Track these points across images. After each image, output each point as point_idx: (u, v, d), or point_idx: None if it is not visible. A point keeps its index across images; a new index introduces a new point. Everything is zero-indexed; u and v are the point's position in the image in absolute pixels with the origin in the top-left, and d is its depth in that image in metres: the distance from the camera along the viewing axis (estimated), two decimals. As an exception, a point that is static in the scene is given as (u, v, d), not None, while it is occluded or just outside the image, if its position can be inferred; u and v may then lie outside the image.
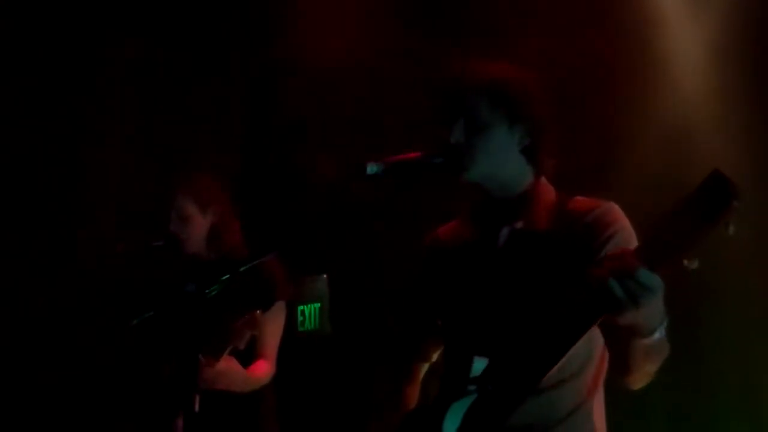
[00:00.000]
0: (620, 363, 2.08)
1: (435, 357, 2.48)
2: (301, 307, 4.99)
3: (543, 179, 2.33)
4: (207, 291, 2.20)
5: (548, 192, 2.31)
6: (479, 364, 2.09)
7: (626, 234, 2.16)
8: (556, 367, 2.09)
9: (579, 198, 2.28)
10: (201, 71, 5.18)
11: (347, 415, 2.45)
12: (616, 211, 2.21)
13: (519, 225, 2.26)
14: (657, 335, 1.91)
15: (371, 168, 2.13)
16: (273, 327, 3.57)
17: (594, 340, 2.17)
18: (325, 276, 5.00)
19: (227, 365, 3.27)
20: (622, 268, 1.80)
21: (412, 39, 4.54)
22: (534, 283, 2.15)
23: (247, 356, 3.47)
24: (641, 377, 2.11)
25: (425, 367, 2.51)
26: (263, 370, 3.51)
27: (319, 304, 4.99)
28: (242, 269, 2.27)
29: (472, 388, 2.06)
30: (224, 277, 2.21)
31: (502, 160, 2.27)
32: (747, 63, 4.10)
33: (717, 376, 4.03)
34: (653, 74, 4.23)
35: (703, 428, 4.05)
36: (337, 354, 4.86)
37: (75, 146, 4.96)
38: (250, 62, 5.32)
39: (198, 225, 3.64)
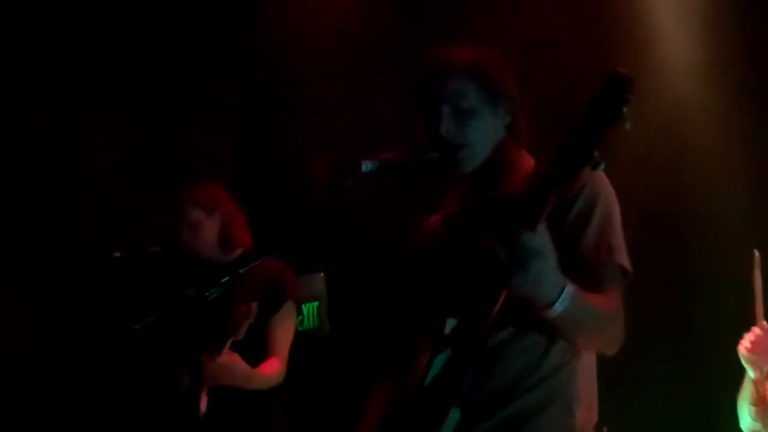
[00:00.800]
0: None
1: None
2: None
3: (523, 150, 2.35)
4: (207, 294, 2.20)
5: (527, 161, 2.34)
6: (450, 325, 2.09)
7: (594, 192, 2.16)
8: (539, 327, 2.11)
9: None
10: (197, 69, 5.18)
11: (348, 414, 2.44)
12: (586, 174, 2.15)
13: (496, 191, 2.28)
14: (558, 308, 1.90)
15: (366, 165, 2.13)
16: (284, 327, 3.61)
17: None
18: (321, 274, 5.00)
19: (229, 359, 3.30)
20: (506, 234, 1.80)
21: (411, 37, 4.53)
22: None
23: (258, 356, 3.50)
24: (591, 346, 2.15)
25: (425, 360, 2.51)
26: (273, 367, 3.53)
27: (317, 303, 5.00)
28: (241, 271, 2.28)
29: (442, 347, 2.08)
30: (224, 280, 2.21)
31: (492, 142, 2.29)
32: (736, 40, 4.11)
33: (719, 375, 4.02)
34: (641, 56, 4.24)
35: (704, 427, 4.05)
36: (337, 352, 4.87)
37: (69, 147, 4.97)
38: (247, 61, 5.32)
39: (208, 228, 3.68)
